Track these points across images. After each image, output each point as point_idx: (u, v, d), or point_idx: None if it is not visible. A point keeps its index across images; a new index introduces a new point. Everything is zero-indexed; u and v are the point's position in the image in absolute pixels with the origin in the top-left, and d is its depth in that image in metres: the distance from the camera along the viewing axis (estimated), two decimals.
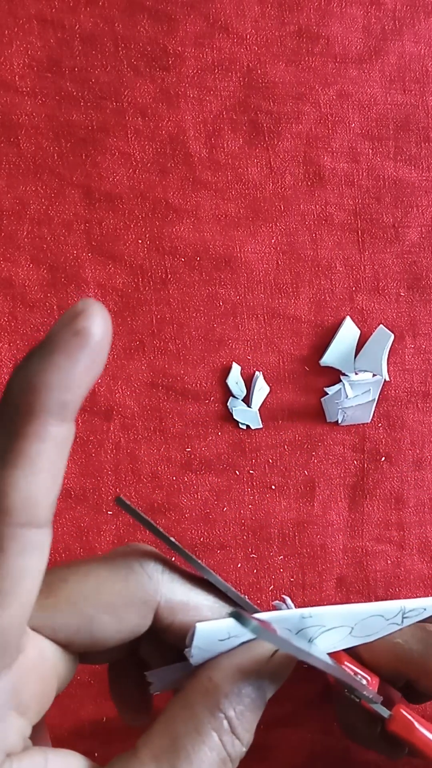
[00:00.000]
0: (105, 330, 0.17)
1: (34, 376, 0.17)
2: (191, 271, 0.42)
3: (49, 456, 0.17)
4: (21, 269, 0.41)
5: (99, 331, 0.17)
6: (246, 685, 0.21)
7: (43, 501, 0.17)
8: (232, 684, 0.21)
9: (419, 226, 0.44)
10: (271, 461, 0.43)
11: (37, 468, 0.17)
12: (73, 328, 0.17)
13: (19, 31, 0.40)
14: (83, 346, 0.17)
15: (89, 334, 0.17)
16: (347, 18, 0.43)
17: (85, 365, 0.17)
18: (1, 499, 0.17)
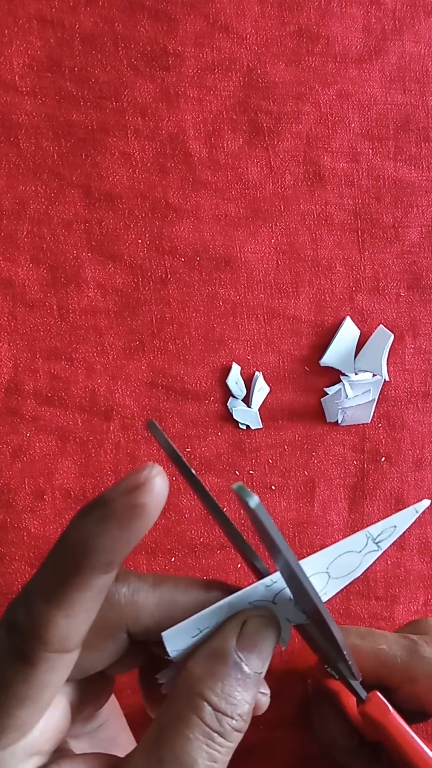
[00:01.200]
0: (161, 502, 0.19)
1: (88, 538, 0.19)
2: (191, 271, 0.42)
3: (88, 602, 0.20)
4: (21, 269, 0.41)
5: (155, 505, 0.19)
6: (219, 663, 0.22)
7: (75, 636, 0.20)
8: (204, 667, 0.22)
9: (419, 226, 0.44)
10: (271, 461, 0.43)
11: (76, 611, 0.20)
12: (132, 501, 0.19)
13: (19, 31, 0.40)
14: (138, 518, 0.19)
15: (146, 510, 0.19)
16: (347, 18, 0.43)
17: (136, 534, 0.19)
18: (43, 632, 0.20)
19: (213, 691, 0.22)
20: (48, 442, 0.41)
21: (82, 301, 0.41)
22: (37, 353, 0.41)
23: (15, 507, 0.41)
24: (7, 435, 0.41)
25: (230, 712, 0.22)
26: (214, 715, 0.21)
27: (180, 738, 0.21)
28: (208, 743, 0.21)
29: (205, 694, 0.21)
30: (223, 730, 0.21)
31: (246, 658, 0.22)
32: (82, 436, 0.41)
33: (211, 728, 0.21)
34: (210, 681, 0.22)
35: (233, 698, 0.22)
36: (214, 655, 0.22)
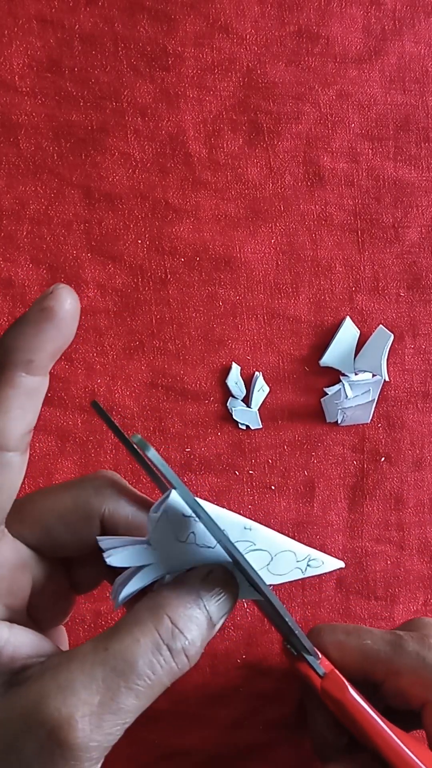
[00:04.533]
0: (68, 308, 0.23)
1: (8, 340, 0.23)
2: (191, 271, 0.42)
3: (17, 398, 0.23)
4: (20, 269, 0.41)
5: (63, 308, 0.23)
6: (186, 594, 0.24)
7: (12, 431, 0.23)
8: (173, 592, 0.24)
9: (419, 226, 0.44)
10: (270, 461, 0.43)
11: (7, 407, 0.23)
12: (39, 306, 0.23)
13: (18, 31, 0.40)
14: (47, 320, 0.23)
15: (53, 311, 0.22)
16: (347, 18, 0.43)
17: (48, 334, 0.23)
18: None
19: (176, 611, 0.23)
20: (48, 442, 0.41)
21: (82, 302, 0.41)
22: None
23: None
24: None
25: (185, 633, 0.23)
26: (170, 630, 0.23)
27: (130, 637, 0.22)
28: (154, 652, 0.22)
29: (168, 610, 0.23)
30: (173, 646, 0.23)
31: (207, 601, 0.24)
32: (82, 436, 0.41)
33: (163, 640, 0.23)
34: (176, 603, 0.24)
35: (191, 625, 0.24)
36: (184, 587, 0.24)
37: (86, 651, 0.22)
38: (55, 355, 0.23)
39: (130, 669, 0.22)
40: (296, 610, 0.43)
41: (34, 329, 0.23)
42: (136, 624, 0.23)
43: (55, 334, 0.23)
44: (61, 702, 0.21)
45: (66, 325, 0.23)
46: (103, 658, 0.22)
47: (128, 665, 0.22)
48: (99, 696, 0.21)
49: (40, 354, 0.23)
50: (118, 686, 0.22)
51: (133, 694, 0.22)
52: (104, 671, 0.22)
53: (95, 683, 0.21)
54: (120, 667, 0.22)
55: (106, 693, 0.22)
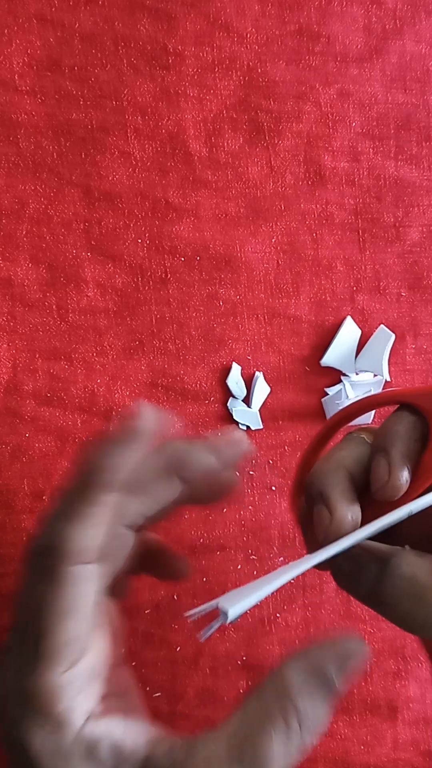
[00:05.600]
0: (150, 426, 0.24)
1: (95, 460, 0.23)
2: (191, 271, 0.42)
3: (99, 516, 0.23)
4: (20, 268, 0.41)
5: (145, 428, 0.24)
6: (316, 680, 0.23)
7: (92, 547, 0.23)
8: (302, 678, 0.23)
9: (420, 225, 0.44)
10: (271, 462, 0.43)
11: (89, 524, 0.23)
12: (125, 426, 0.23)
13: (18, 30, 0.40)
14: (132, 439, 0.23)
15: (137, 431, 0.23)
16: (348, 17, 0.43)
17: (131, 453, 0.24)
18: (64, 545, 0.23)
19: (304, 701, 0.23)
20: (47, 442, 0.41)
21: (82, 301, 0.41)
22: (36, 353, 0.41)
23: (14, 507, 0.41)
24: (6, 435, 0.41)
25: (312, 722, 0.23)
26: (299, 721, 0.23)
27: (265, 735, 0.23)
28: (288, 746, 0.23)
29: (296, 702, 0.23)
30: (301, 738, 0.23)
31: (338, 679, 0.24)
32: (82, 437, 0.41)
33: (293, 732, 0.23)
34: (304, 692, 0.23)
35: (318, 712, 0.23)
36: (314, 671, 0.24)
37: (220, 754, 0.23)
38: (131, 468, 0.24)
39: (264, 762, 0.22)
40: (297, 612, 0.43)
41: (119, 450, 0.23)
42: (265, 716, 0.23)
43: (137, 451, 0.24)
44: None
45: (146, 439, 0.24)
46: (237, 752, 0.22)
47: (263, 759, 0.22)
48: None
49: (122, 472, 0.24)
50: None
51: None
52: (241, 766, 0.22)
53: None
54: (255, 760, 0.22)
55: None
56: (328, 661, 0.24)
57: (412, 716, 0.44)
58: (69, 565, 0.23)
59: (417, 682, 0.44)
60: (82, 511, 0.23)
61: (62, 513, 0.23)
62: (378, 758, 0.43)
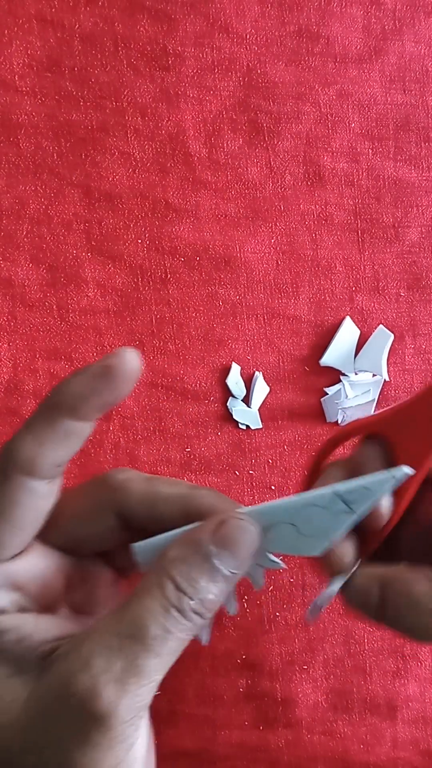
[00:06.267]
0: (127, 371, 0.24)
1: (64, 384, 0.24)
2: (191, 271, 0.42)
3: (55, 435, 0.24)
4: (20, 269, 0.41)
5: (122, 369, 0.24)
6: (191, 550, 0.24)
7: (42, 462, 0.24)
8: (178, 551, 0.25)
9: (419, 226, 0.44)
10: (270, 461, 0.43)
11: (44, 439, 0.24)
12: (102, 362, 0.24)
13: (19, 31, 0.40)
14: (103, 375, 0.24)
15: (112, 368, 0.24)
16: (347, 18, 0.43)
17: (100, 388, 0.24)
18: (15, 453, 0.24)
19: (179, 572, 0.24)
20: None
21: (82, 301, 0.41)
22: (36, 353, 0.41)
23: None
24: (6, 435, 0.41)
25: (190, 593, 0.24)
26: (175, 592, 0.24)
27: (139, 605, 0.24)
28: (164, 615, 0.23)
29: (171, 573, 0.24)
30: (181, 607, 0.24)
31: (218, 553, 0.24)
32: None
33: (170, 602, 0.24)
34: (179, 563, 0.24)
35: (197, 583, 0.24)
36: (189, 542, 0.25)
37: (103, 624, 0.24)
38: (101, 408, 0.25)
39: (143, 633, 0.23)
40: (296, 610, 0.43)
41: (89, 381, 0.24)
42: (144, 590, 0.24)
43: (106, 390, 0.24)
44: (85, 674, 0.23)
45: (120, 384, 0.24)
46: (117, 628, 0.23)
47: (141, 630, 0.23)
48: (119, 662, 0.23)
49: (87, 404, 0.24)
50: (136, 651, 0.23)
51: (152, 655, 0.23)
52: (120, 639, 0.23)
53: (113, 652, 0.23)
54: (134, 633, 0.23)
55: (125, 660, 0.23)
56: (204, 533, 0.25)
57: (412, 715, 0.44)
58: (17, 473, 0.24)
59: (416, 681, 0.44)
60: (43, 427, 0.24)
61: (27, 425, 0.25)
62: (377, 757, 0.43)
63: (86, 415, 0.25)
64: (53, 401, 0.24)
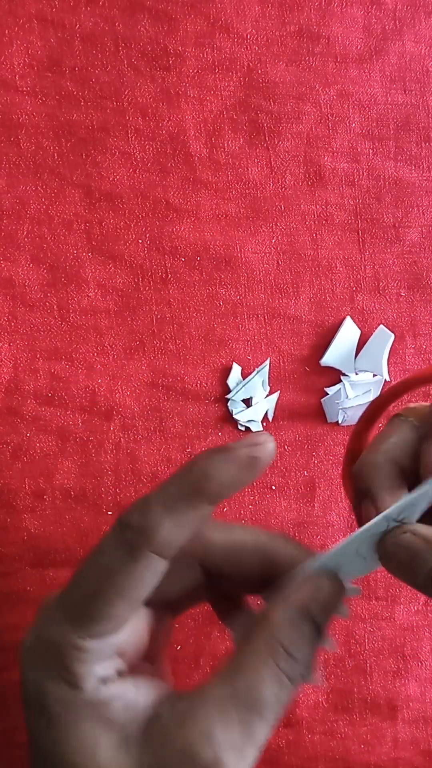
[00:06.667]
0: (268, 462, 0.24)
1: (212, 469, 0.24)
2: (191, 271, 0.42)
3: (191, 521, 0.24)
4: (21, 269, 0.41)
5: (264, 462, 0.24)
6: (296, 615, 0.25)
7: (174, 544, 0.24)
8: (284, 616, 0.25)
9: (420, 226, 0.44)
10: (271, 461, 0.43)
11: (181, 523, 0.24)
12: (252, 452, 0.24)
13: (19, 31, 0.40)
14: (251, 467, 0.24)
15: (258, 462, 0.24)
16: (348, 18, 0.43)
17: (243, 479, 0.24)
18: (152, 531, 0.24)
19: (290, 639, 0.24)
20: (48, 442, 0.41)
21: (82, 301, 0.41)
22: (37, 353, 0.41)
23: (15, 507, 0.41)
24: (7, 435, 0.41)
25: (299, 658, 0.24)
26: (287, 659, 0.24)
27: (253, 673, 0.24)
28: (278, 684, 0.24)
29: (282, 640, 0.24)
30: (293, 675, 0.24)
31: (320, 617, 0.25)
32: (82, 436, 0.41)
33: (282, 669, 0.24)
34: (286, 627, 0.25)
35: (304, 648, 0.25)
36: (292, 605, 0.25)
37: (215, 691, 0.24)
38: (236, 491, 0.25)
39: (259, 704, 0.24)
40: None
41: (237, 471, 0.24)
42: (255, 657, 0.24)
43: (248, 479, 0.24)
44: (208, 748, 0.23)
45: (260, 471, 0.24)
46: (233, 697, 0.24)
47: (257, 700, 0.24)
48: (237, 732, 0.23)
49: (228, 493, 0.24)
50: (252, 721, 0.24)
51: (265, 723, 0.24)
52: (237, 709, 0.24)
53: (232, 722, 0.24)
54: (250, 703, 0.24)
55: (243, 729, 0.24)
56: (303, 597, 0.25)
57: (412, 715, 0.44)
58: (150, 550, 0.24)
59: (417, 681, 0.44)
60: (183, 510, 0.24)
61: (166, 502, 0.24)
62: (378, 757, 0.43)
63: (220, 501, 0.25)
64: (197, 485, 0.24)
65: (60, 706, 0.24)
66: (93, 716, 0.24)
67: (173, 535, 0.24)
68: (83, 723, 0.24)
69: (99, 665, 0.24)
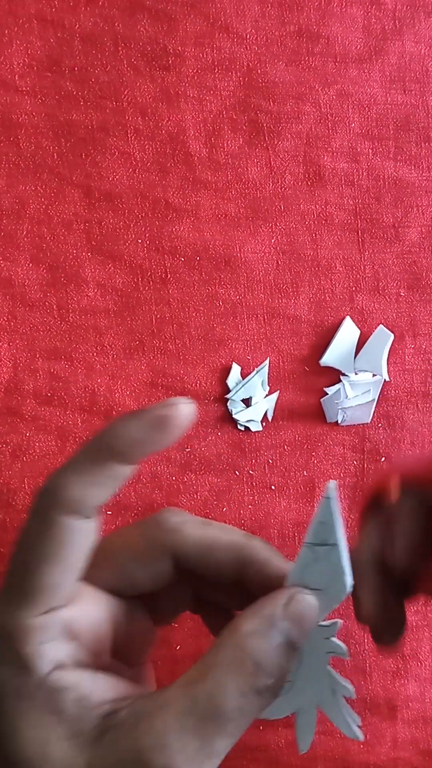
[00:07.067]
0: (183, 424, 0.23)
1: (119, 428, 0.23)
2: (191, 271, 0.42)
3: (101, 478, 0.23)
4: (21, 269, 0.41)
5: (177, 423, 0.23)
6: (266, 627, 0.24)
7: (85, 502, 0.23)
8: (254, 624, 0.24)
9: (419, 226, 0.44)
10: (270, 461, 0.43)
11: (89, 480, 0.23)
12: (161, 412, 0.23)
13: (19, 31, 0.40)
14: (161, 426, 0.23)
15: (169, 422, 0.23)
16: (347, 18, 0.43)
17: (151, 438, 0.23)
18: (58, 492, 0.23)
19: (257, 648, 0.24)
20: (48, 442, 0.41)
21: (82, 301, 0.41)
22: (36, 353, 0.41)
23: (15, 507, 0.41)
24: (7, 435, 0.41)
25: (267, 672, 0.24)
26: (253, 671, 0.23)
27: (216, 683, 0.23)
28: (242, 695, 0.23)
29: (248, 649, 0.23)
30: (258, 686, 0.23)
31: (290, 629, 0.24)
32: (82, 436, 0.41)
33: (247, 682, 0.23)
34: (255, 638, 0.24)
35: (273, 659, 0.24)
36: (263, 617, 0.24)
37: (175, 698, 0.23)
38: (147, 454, 0.24)
39: (220, 715, 0.23)
40: None
41: (144, 429, 0.23)
42: (220, 666, 0.23)
43: (158, 439, 0.24)
44: (161, 753, 0.22)
45: (170, 435, 0.24)
46: (193, 706, 0.23)
47: (218, 711, 0.23)
48: (194, 743, 0.22)
49: (137, 450, 0.24)
50: (211, 732, 0.23)
51: (225, 736, 0.23)
52: (196, 720, 0.23)
53: (189, 733, 0.22)
54: (210, 714, 0.23)
55: (200, 740, 0.23)
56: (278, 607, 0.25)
57: (412, 715, 0.44)
58: (62, 513, 0.23)
59: (416, 681, 0.44)
60: (90, 468, 0.23)
61: (72, 465, 0.24)
62: (377, 757, 0.43)
63: (134, 461, 0.24)
64: (104, 443, 0.24)
65: (11, 693, 0.23)
66: (43, 705, 0.23)
67: (83, 494, 0.23)
68: (33, 712, 0.23)
69: (49, 645, 0.24)
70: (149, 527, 0.27)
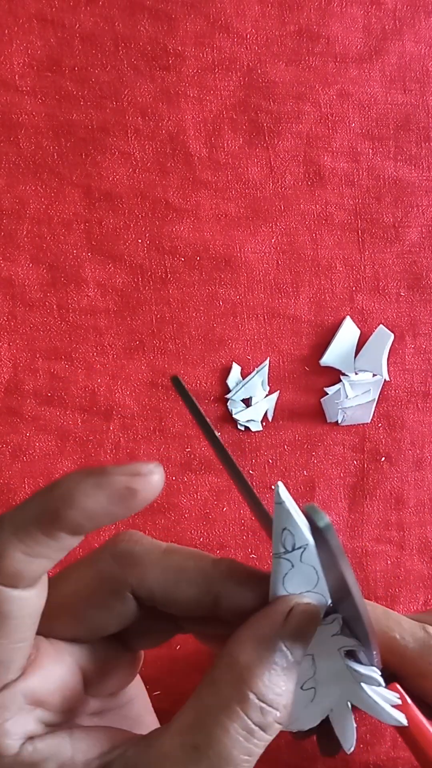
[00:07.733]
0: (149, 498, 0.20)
1: (77, 495, 0.20)
2: (191, 271, 0.42)
3: (47, 550, 0.21)
4: (21, 268, 0.41)
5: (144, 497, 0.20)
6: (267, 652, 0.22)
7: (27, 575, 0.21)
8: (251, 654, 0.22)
9: (419, 225, 0.44)
10: (270, 461, 0.43)
11: (34, 552, 0.21)
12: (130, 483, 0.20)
13: (19, 31, 0.40)
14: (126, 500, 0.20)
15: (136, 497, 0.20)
16: (347, 18, 0.43)
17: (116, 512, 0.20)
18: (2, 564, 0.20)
19: (261, 680, 0.21)
20: (48, 442, 0.41)
21: (82, 301, 0.41)
22: (36, 353, 0.41)
23: None
24: (7, 435, 0.41)
25: (275, 703, 0.21)
26: (259, 707, 0.21)
27: (220, 729, 0.21)
28: (248, 738, 0.21)
29: (251, 684, 0.21)
30: (266, 723, 0.21)
31: (291, 647, 0.22)
32: (82, 436, 0.41)
33: (254, 722, 0.21)
34: (257, 669, 0.21)
35: (279, 688, 0.22)
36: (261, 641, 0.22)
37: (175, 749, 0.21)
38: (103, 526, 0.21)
39: (226, 763, 0.21)
40: None
41: (107, 501, 0.20)
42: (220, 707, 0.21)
43: (117, 514, 0.21)
44: None
45: (134, 509, 0.21)
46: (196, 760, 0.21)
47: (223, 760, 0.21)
48: None
49: (93, 524, 0.21)
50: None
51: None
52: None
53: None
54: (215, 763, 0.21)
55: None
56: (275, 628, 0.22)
57: None
58: (2, 584, 0.21)
59: None
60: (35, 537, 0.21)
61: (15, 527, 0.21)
62: (377, 757, 0.43)
63: (87, 533, 0.21)
64: (56, 511, 0.20)
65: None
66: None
67: (23, 567, 0.21)
68: None
69: (13, 721, 0.21)
70: (103, 563, 0.24)
